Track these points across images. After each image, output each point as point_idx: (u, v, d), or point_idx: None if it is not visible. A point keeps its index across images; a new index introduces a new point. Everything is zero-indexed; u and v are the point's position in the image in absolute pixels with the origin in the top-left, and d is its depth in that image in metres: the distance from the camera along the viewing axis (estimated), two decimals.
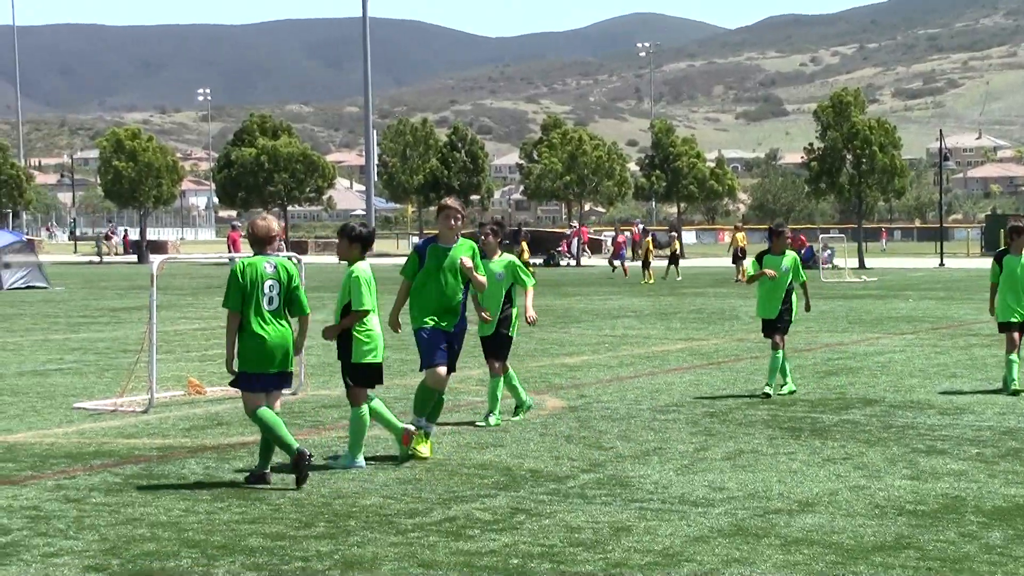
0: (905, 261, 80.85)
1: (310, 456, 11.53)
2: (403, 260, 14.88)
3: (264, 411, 11.69)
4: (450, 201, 13.61)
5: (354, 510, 10.58)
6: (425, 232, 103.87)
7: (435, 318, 13.27)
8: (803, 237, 64.00)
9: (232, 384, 12.06)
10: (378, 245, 61.70)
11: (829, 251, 67.83)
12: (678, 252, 60.10)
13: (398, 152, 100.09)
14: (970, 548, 9.28)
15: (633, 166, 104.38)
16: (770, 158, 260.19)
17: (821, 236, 69.14)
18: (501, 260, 15.12)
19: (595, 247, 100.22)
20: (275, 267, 11.94)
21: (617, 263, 63.04)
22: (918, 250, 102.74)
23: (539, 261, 79.53)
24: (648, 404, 16.93)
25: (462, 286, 13.44)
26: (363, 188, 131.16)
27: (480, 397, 17.73)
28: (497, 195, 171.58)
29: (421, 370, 13.38)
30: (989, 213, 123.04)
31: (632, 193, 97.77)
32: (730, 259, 58.40)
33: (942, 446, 13.58)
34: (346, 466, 12.46)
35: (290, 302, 12.02)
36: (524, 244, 60.60)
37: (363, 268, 12.44)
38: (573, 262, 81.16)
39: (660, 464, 12.70)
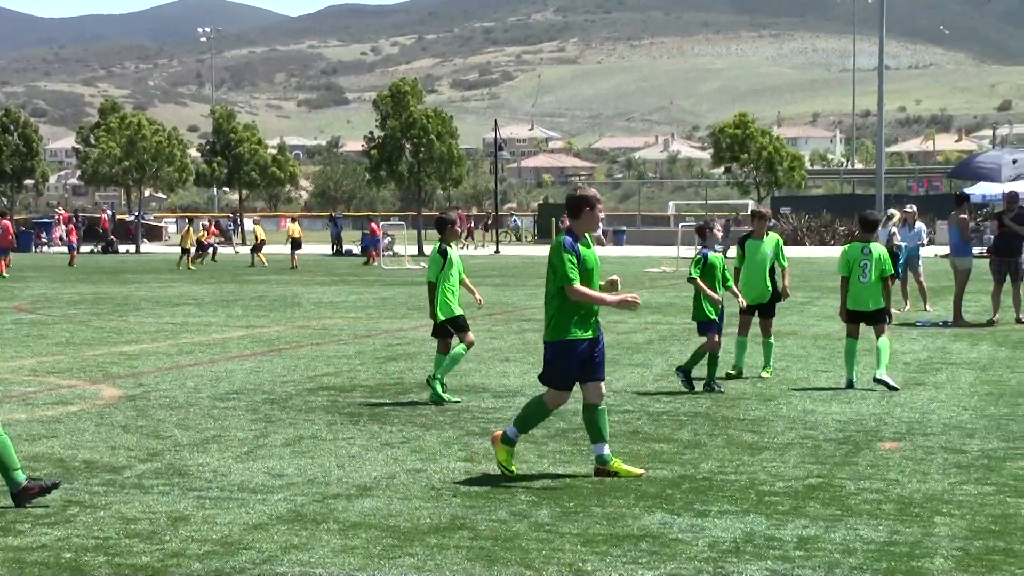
0: (462, 248, 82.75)
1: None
2: None
3: None
4: (594, 190, 11.49)
5: None
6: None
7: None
8: (375, 226, 64.32)
9: None
10: None
11: (389, 238, 68.85)
12: (262, 239, 59.25)
13: None
14: (520, 526, 9.62)
15: (194, 152, 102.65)
16: (332, 146, 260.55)
17: (382, 224, 69.81)
18: None
19: (155, 234, 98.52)
20: None
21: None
22: (476, 237, 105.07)
23: (98, 248, 77.87)
24: (208, 392, 16.80)
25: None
26: None
27: (34, 387, 17.20)
28: (53, 180, 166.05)
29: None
30: (542, 202, 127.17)
31: (194, 179, 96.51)
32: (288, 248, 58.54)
33: (495, 428, 13.99)
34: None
35: None
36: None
37: None
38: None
39: (219, 452, 12.64)
